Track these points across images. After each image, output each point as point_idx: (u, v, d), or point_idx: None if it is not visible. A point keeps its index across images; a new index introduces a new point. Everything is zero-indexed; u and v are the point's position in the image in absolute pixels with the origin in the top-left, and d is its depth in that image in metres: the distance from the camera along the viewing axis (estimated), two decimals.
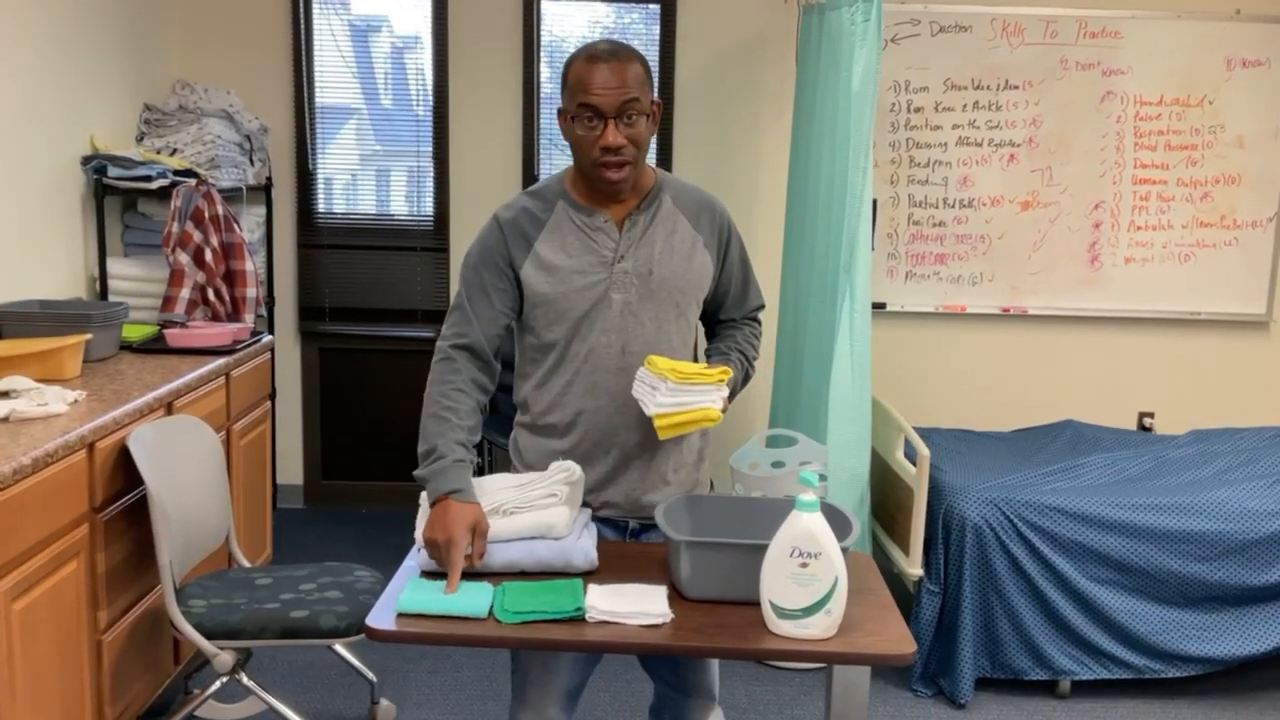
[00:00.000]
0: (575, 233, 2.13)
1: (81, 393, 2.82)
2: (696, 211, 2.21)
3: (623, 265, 2.13)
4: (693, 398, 2.00)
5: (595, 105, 2.01)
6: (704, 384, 2.01)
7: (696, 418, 1.99)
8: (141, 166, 3.77)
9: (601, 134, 2.03)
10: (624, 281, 2.12)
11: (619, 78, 2.01)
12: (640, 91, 2.03)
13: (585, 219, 2.14)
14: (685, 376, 2.01)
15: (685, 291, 2.17)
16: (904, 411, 4.87)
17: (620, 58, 2.02)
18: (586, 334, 2.13)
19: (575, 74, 2.04)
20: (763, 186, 4.85)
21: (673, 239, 2.16)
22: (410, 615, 1.77)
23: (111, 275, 3.86)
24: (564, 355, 2.15)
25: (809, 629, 1.77)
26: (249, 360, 3.63)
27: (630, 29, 4.83)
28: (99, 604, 2.65)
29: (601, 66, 2.01)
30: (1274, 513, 3.41)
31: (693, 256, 2.18)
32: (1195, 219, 4.79)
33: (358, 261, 4.88)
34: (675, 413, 1.99)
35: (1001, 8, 4.65)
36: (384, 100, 4.88)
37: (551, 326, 2.14)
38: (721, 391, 2.03)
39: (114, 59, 4.07)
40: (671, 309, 2.16)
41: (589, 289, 2.11)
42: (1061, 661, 3.42)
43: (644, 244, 2.14)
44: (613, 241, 2.13)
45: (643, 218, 2.15)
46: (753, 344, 2.33)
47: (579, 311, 2.12)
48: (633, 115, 2.03)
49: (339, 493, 5.03)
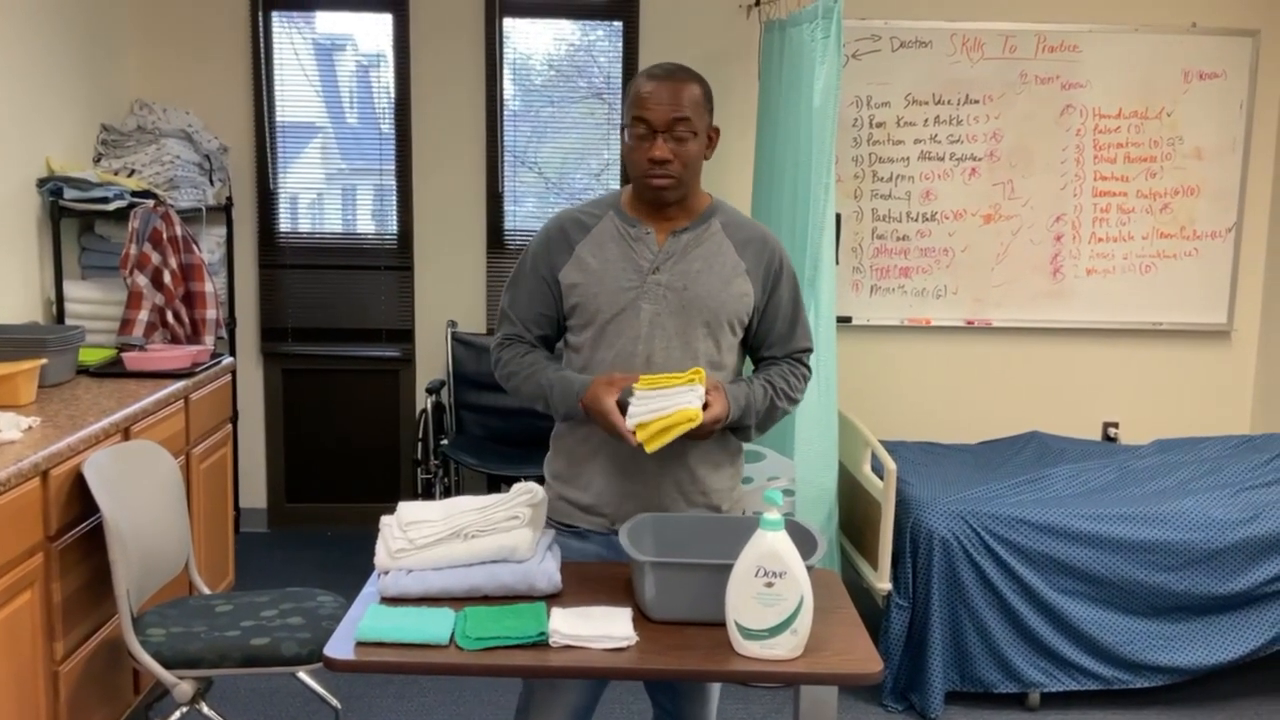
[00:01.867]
0: (617, 240, 2.18)
1: (36, 419, 2.77)
2: (745, 240, 2.22)
3: (657, 277, 2.14)
4: (667, 401, 1.99)
5: (646, 119, 2.08)
6: (675, 386, 2.00)
7: (677, 420, 1.97)
8: (98, 188, 3.73)
9: (650, 146, 2.08)
10: (656, 293, 2.14)
11: (672, 95, 2.08)
12: (693, 112, 2.10)
13: (628, 229, 2.18)
14: (652, 382, 1.99)
15: (718, 312, 2.16)
16: (870, 425, 4.87)
17: (677, 78, 2.10)
18: (614, 339, 2.14)
19: (634, 88, 2.12)
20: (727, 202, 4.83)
21: (714, 261, 2.17)
22: (370, 644, 1.74)
23: (68, 298, 3.80)
24: (590, 361, 2.16)
25: (775, 649, 1.76)
26: (209, 383, 3.58)
27: (595, 45, 4.83)
28: (55, 634, 2.60)
29: (658, 83, 2.09)
30: (1238, 521, 3.44)
31: (731, 281, 2.17)
32: (1155, 230, 4.84)
33: (320, 281, 4.84)
34: (653, 420, 1.98)
35: (961, 23, 4.68)
36: (349, 118, 4.85)
37: (583, 330, 2.18)
38: (696, 391, 2.01)
39: (70, 79, 4.02)
40: (701, 327, 2.15)
41: (619, 293, 2.14)
42: (1031, 674, 3.43)
43: (684, 260, 2.16)
44: (651, 253, 2.16)
45: (688, 236, 2.18)
46: (789, 380, 2.26)
47: (607, 315, 2.14)
48: (682, 132, 2.09)
49: (304, 515, 4.97)
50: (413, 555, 1.94)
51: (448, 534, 1.94)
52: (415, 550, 1.94)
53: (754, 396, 2.17)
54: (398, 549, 1.94)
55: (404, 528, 1.97)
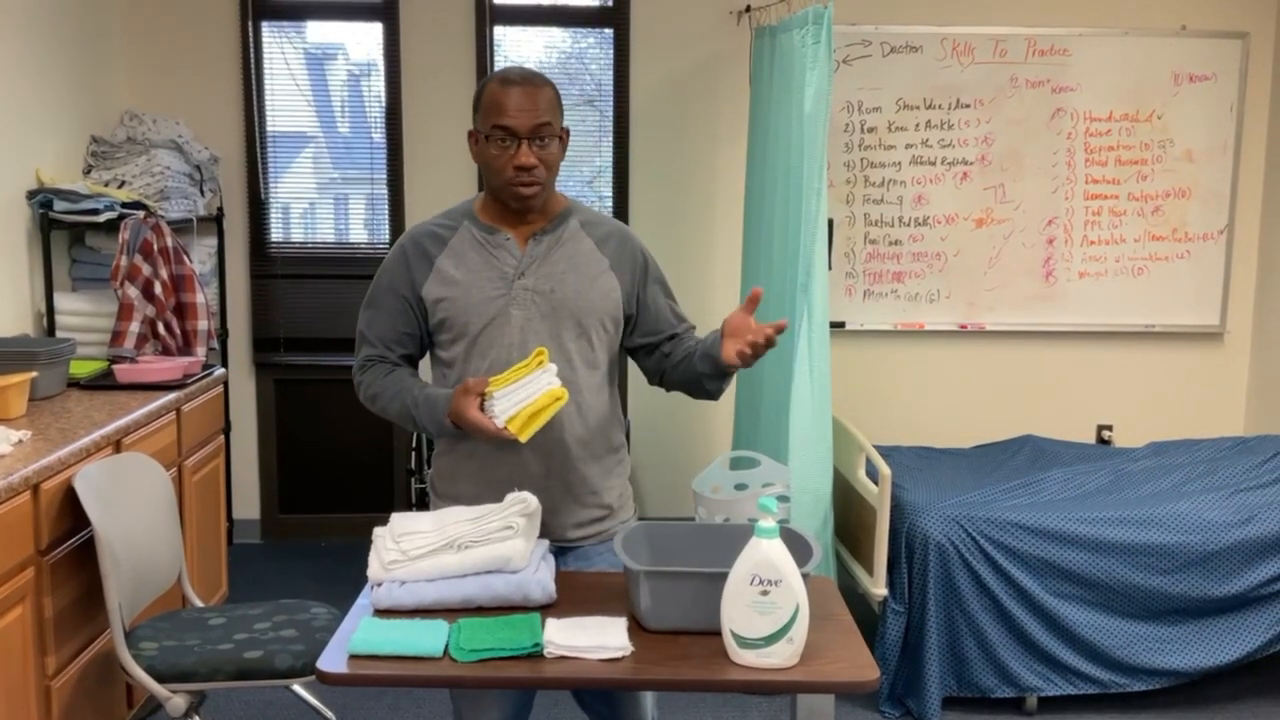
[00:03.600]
0: (477, 249, 2.16)
1: (27, 432, 2.76)
2: (604, 237, 2.22)
3: (523, 282, 2.14)
4: (526, 390, 1.99)
5: (509, 127, 2.06)
6: (528, 375, 2.00)
7: (545, 403, 1.99)
8: (88, 200, 3.71)
9: (515, 154, 2.07)
10: (524, 298, 2.13)
11: (532, 101, 2.07)
12: (552, 116, 2.09)
13: (487, 236, 2.16)
14: (504, 380, 2.00)
15: (588, 312, 2.16)
16: (865, 430, 4.86)
17: (534, 83, 2.09)
18: (486, 349, 2.13)
19: (489, 96, 2.09)
20: (720, 208, 4.84)
21: (577, 260, 2.17)
22: (363, 656, 1.73)
23: (59, 310, 3.78)
24: (464, 373, 2.15)
25: (771, 658, 1.75)
26: (201, 394, 3.56)
27: (587, 53, 4.83)
28: (47, 649, 2.58)
29: (515, 90, 2.07)
30: (1233, 523, 3.43)
31: (597, 278, 2.18)
32: (1147, 233, 4.85)
33: (312, 291, 4.83)
34: (519, 410, 1.98)
35: (951, 27, 4.69)
36: (341, 127, 4.84)
37: (453, 344, 2.16)
38: (549, 370, 2.01)
39: (60, 91, 4.00)
40: (573, 327, 2.15)
41: (488, 303, 2.13)
42: (1027, 678, 3.42)
43: (547, 263, 2.15)
44: (514, 259, 2.15)
45: (548, 238, 2.17)
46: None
47: (478, 326, 2.13)
48: (545, 138, 2.08)
49: (297, 526, 4.95)
50: (406, 566, 1.93)
51: (441, 545, 1.93)
52: (408, 561, 1.93)
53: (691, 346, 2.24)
54: (390, 560, 1.93)
55: (397, 539, 1.96)
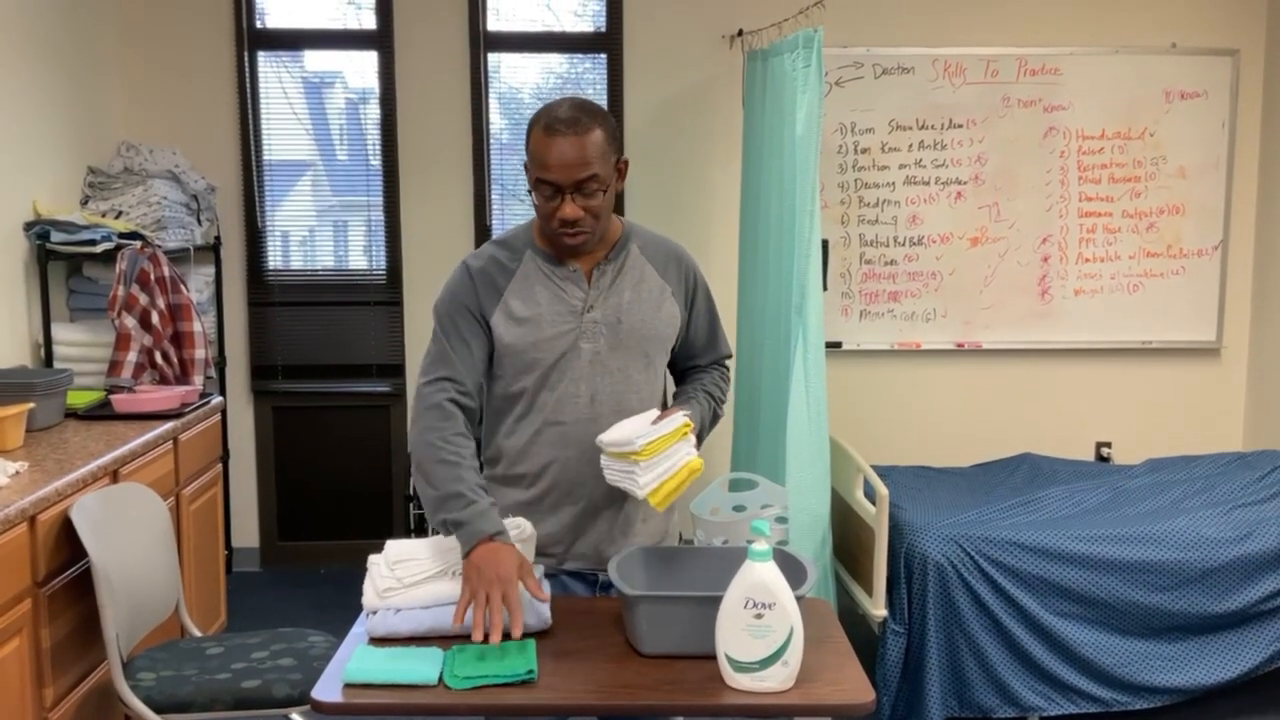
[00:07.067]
0: (544, 282, 2.12)
1: (23, 464, 2.76)
2: (664, 261, 2.21)
3: (592, 315, 2.12)
4: (669, 462, 2.01)
5: (551, 181, 2.00)
6: (673, 445, 2.02)
7: (684, 477, 2.01)
8: (85, 230, 3.73)
9: (559, 207, 2.01)
10: (593, 331, 2.12)
11: (577, 152, 1.97)
12: (600, 164, 2.00)
13: (554, 269, 2.13)
14: (652, 450, 1.99)
15: (653, 340, 2.17)
16: (862, 450, 4.87)
17: (579, 129, 1.98)
18: (555, 383, 2.12)
19: (534, 144, 2.01)
20: (714, 231, 4.86)
21: (640, 288, 2.16)
22: (358, 685, 1.73)
23: (56, 341, 3.79)
24: (532, 405, 2.13)
25: (766, 681, 1.75)
26: (198, 423, 3.57)
27: (581, 78, 4.86)
28: (45, 680, 2.57)
29: (559, 141, 1.98)
30: (1232, 540, 3.43)
31: (661, 305, 2.18)
32: (1142, 249, 4.86)
33: (310, 318, 4.84)
34: (663, 483, 2.00)
35: (942, 49, 4.71)
36: (339, 154, 4.86)
37: (520, 376, 2.13)
38: (689, 442, 2.04)
39: (57, 122, 4.03)
40: (640, 358, 2.15)
41: (559, 339, 2.11)
42: (1029, 698, 3.41)
43: (613, 293, 2.13)
44: (581, 291, 2.13)
45: (610, 267, 2.15)
46: (720, 386, 2.33)
47: (548, 361, 2.11)
48: (591, 189, 2.01)
49: (297, 553, 4.95)
50: (401, 594, 1.92)
51: (436, 571, 1.93)
52: (403, 589, 1.93)
53: (703, 413, 2.23)
54: (385, 588, 1.93)
55: (392, 566, 1.96)
